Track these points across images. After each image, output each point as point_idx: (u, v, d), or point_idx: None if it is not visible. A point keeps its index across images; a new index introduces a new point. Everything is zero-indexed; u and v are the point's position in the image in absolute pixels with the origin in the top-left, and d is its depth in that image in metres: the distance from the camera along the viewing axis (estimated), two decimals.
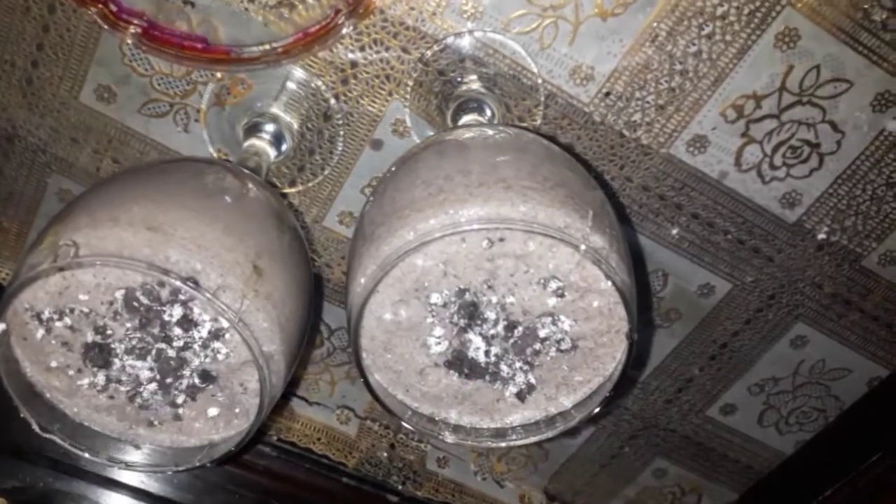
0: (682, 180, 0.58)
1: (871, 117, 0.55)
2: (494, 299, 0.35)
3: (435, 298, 0.35)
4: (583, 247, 0.31)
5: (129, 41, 0.52)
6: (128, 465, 0.40)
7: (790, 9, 0.50)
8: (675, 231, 0.61)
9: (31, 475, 0.63)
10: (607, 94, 0.54)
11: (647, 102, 0.55)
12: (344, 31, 0.52)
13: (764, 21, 0.51)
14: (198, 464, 0.39)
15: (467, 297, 0.35)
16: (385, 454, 0.73)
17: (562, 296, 0.35)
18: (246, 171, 0.44)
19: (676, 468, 0.76)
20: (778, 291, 0.64)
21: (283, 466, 0.66)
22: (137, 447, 0.40)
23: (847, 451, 0.71)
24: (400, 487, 0.71)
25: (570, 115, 0.55)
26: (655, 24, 0.51)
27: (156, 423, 0.40)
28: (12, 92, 0.58)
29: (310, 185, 0.60)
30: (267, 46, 0.53)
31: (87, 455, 0.39)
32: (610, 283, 0.33)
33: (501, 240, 0.33)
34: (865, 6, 0.50)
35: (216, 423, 0.40)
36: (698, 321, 0.66)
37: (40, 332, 0.36)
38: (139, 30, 0.52)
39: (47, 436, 0.38)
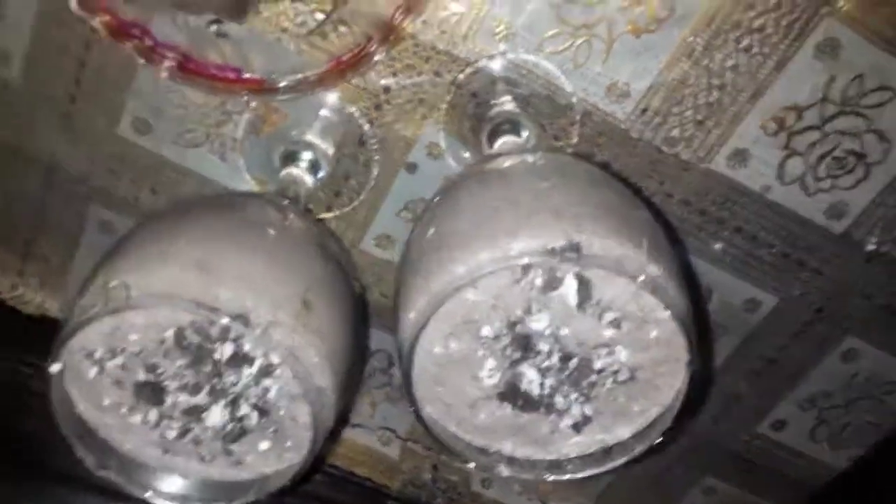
0: (724, 195, 0.57)
1: None
2: (548, 331, 0.34)
3: (486, 331, 0.35)
4: (641, 278, 0.31)
5: (165, 74, 0.52)
6: (182, 500, 0.40)
7: (830, 18, 0.49)
8: (718, 246, 0.59)
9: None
10: (644, 110, 0.54)
11: (686, 118, 0.54)
12: (376, 58, 0.52)
13: (803, 32, 0.50)
14: (252, 498, 0.39)
15: (519, 329, 0.34)
16: (429, 475, 0.72)
17: (618, 327, 0.34)
18: (286, 201, 0.44)
19: (726, 486, 0.74)
20: (826, 304, 0.62)
21: (327, 490, 0.66)
22: (190, 482, 0.40)
23: None
24: None
25: (607, 132, 0.55)
26: (691, 39, 0.51)
27: (207, 458, 0.40)
28: (52, 126, 0.59)
29: (346, 209, 0.60)
30: (300, 76, 0.53)
31: (139, 493, 0.39)
32: (668, 313, 0.32)
33: (552, 269, 0.33)
34: None
35: (267, 457, 0.39)
36: (744, 336, 0.64)
37: (93, 372, 0.37)
38: (174, 63, 0.52)
39: (102, 473, 0.38)
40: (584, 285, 0.32)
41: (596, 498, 0.76)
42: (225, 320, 0.32)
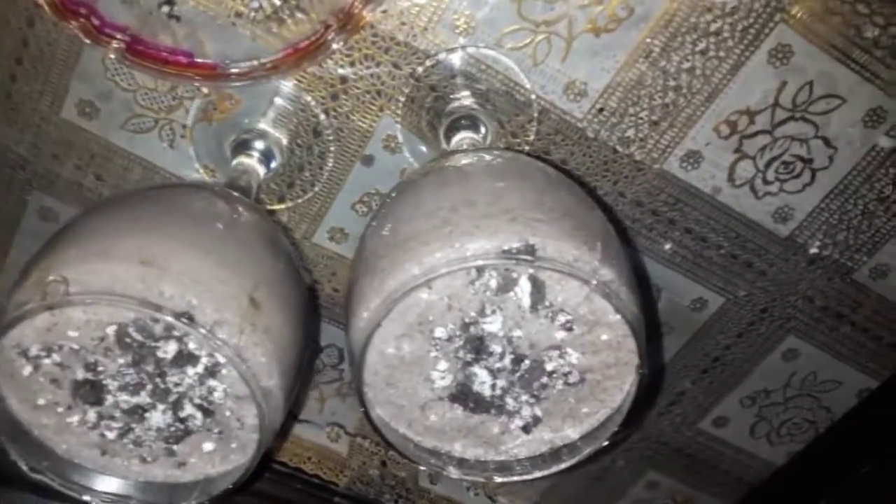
0: (676, 196, 0.58)
1: (863, 133, 0.55)
2: (501, 333, 0.34)
3: (439, 332, 0.34)
4: (594, 281, 0.31)
5: (112, 56, 0.50)
6: (120, 501, 0.38)
7: (783, 25, 0.50)
8: (668, 246, 0.60)
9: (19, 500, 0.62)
10: (601, 109, 0.54)
11: (641, 118, 0.54)
12: (334, 46, 0.51)
13: (757, 37, 0.51)
14: (194, 501, 0.38)
15: (473, 330, 0.34)
16: (377, 472, 0.72)
17: (570, 329, 0.34)
18: (236, 194, 0.43)
19: (669, 480, 0.76)
20: (770, 305, 0.64)
21: (273, 487, 0.65)
22: (130, 483, 0.39)
23: (838, 461, 0.71)
24: None
25: (564, 130, 0.55)
26: (649, 40, 0.51)
27: (149, 459, 0.38)
28: None
29: (299, 201, 0.59)
30: (255, 62, 0.52)
31: (78, 496, 0.37)
32: (618, 317, 0.32)
33: (507, 271, 0.32)
34: (857, 23, 0.50)
35: (212, 459, 0.38)
36: (691, 335, 0.66)
37: (27, 370, 0.35)
38: (123, 44, 0.50)
39: (36, 476, 0.37)
40: (537, 287, 0.32)
41: (542, 493, 0.77)
42: (169, 318, 0.31)
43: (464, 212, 0.32)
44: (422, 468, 0.70)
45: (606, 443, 0.37)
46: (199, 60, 0.52)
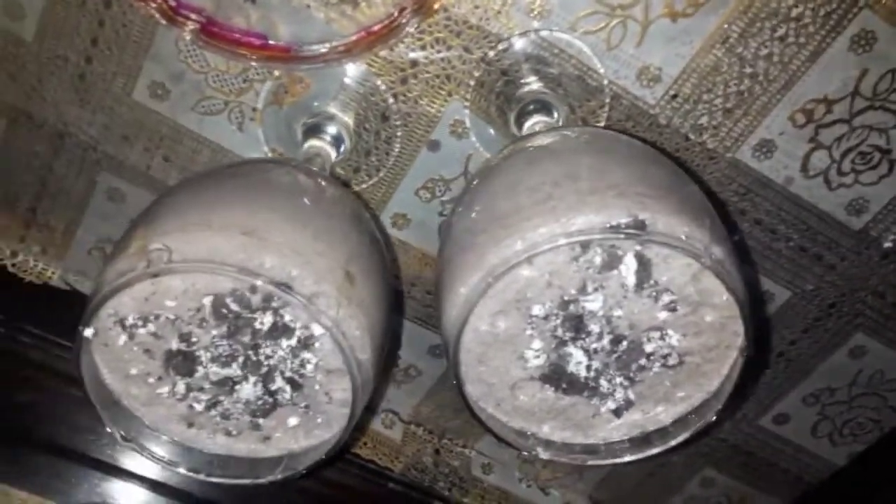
0: (747, 185, 0.57)
1: None
2: (601, 312, 0.34)
3: (537, 310, 0.34)
4: (706, 259, 0.30)
5: (187, 37, 0.51)
6: (207, 475, 0.38)
7: (868, 11, 0.49)
8: (736, 237, 0.59)
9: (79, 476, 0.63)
10: (674, 96, 0.53)
11: (715, 105, 0.53)
12: (407, 29, 0.51)
13: (840, 23, 0.50)
14: (279, 476, 0.38)
15: (572, 308, 0.34)
16: (430, 459, 0.72)
17: (673, 310, 0.33)
18: (316, 169, 0.43)
19: (725, 478, 0.74)
20: (839, 300, 0.62)
21: (331, 472, 0.65)
22: (214, 457, 0.39)
23: None
24: (447, 493, 0.70)
25: (635, 116, 0.54)
26: (727, 26, 0.50)
27: (234, 432, 0.39)
28: (64, 88, 0.57)
29: (364, 186, 0.59)
30: (328, 45, 0.52)
31: (163, 465, 0.38)
32: (726, 297, 0.32)
33: (613, 247, 0.32)
34: None
35: (296, 434, 0.38)
36: (755, 328, 0.64)
37: (122, 339, 0.35)
38: (197, 26, 0.51)
39: (127, 445, 0.37)
40: (643, 265, 0.32)
41: (595, 486, 0.76)
42: (269, 288, 0.31)
43: (568, 186, 0.32)
44: (474, 457, 0.71)
45: (700, 428, 0.36)
46: (272, 43, 0.52)
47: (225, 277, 0.32)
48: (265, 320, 0.34)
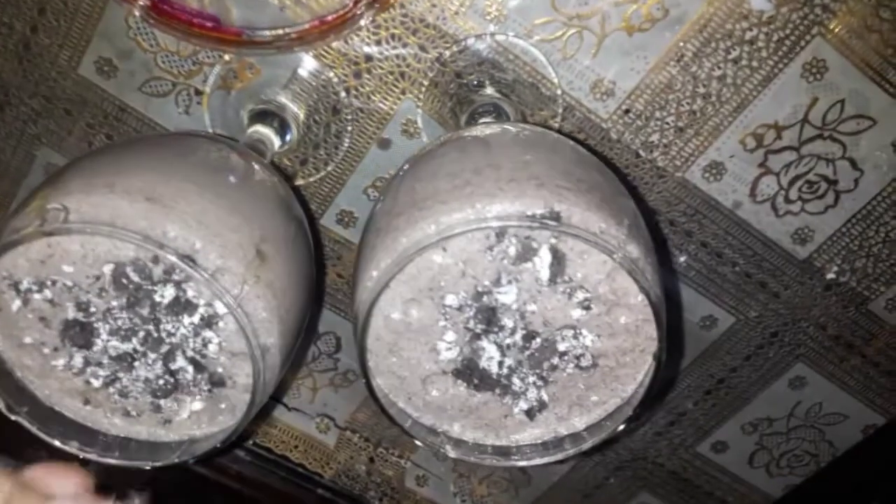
0: (695, 207, 0.56)
1: (892, 157, 0.54)
2: (515, 305, 0.33)
3: (450, 300, 0.33)
4: (618, 255, 0.29)
5: (137, 13, 0.49)
6: (99, 456, 0.36)
7: (820, 39, 0.49)
8: (682, 259, 0.59)
9: None
10: (627, 111, 0.53)
11: (667, 123, 0.53)
12: (362, 22, 0.50)
13: (792, 49, 0.50)
14: (176, 460, 0.36)
15: (485, 300, 0.33)
16: (363, 468, 0.70)
17: (588, 308, 0.32)
18: (253, 152, 0.41)
19: None
20: (781, 329, 0.62)
21: (257, 472, 0.63)
22: (111, 438, 0.37)
23: (837, 499, 0.69)
24: (377, 503, 0.68)
25: (587, 129, 0.54)
26: (682, 44, 0.50)
27: (133, 413, 0.37)
28: (8, 57, 0.55)
29: (311, 179, 0.58)
30: (280, 31, 0.51)
31: (56, 442, 0.36)
32: (641, 298, 0.31)
33: (528, 238, 0.31)
34: None
35: (199, 419, 0.37)
36: (698, 353, 0.64)
37: (16, 304, 0.33)
38: (148, 2, 0.50)
39: (14, 417, 0.35)
40: (558, 259, 0.31)
41: None
42: (170, 258, 0.30)
43: (488, 174, 0.31)
44: (409, 468, 0.69)
45: (612, 434, 0.35)
46: (224, 26, 0.51)
47: (127, 245, 0.31)
48: (166, 293, 0.32)
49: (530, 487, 0.73)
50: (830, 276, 0.59)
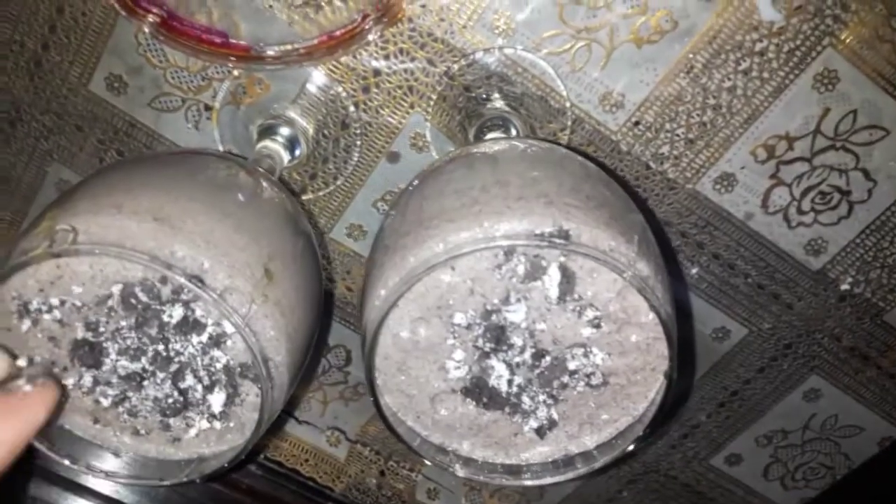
0: (707, 218, 0.56)
1: None
2: (524, 324, 0.32)
3: (459, 318, 0.33)
4: (629, 273, 0.29)
5: (147, 30, 0.50)
6: (108, 476, 0.36)
7: (831, 50, 0.49)
8: (694, 270, 0.58)
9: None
10: (636, 123, 0.53)
11: (677, 135, 0.53)
12: (370, 37, 0.50)
13: (803, 60, 0.49)
14: (185, 479, 0.36)
15: (494, 319, 0.32)
16: (374, 481, 0.69)
17: (598, 326, 0.32)
18: (262, 170, 0.41)
19: None
20: (795, 341, 0.62)
21: (267, 486, 0.63)
22: (120, 456, 0.37)
23: None
24: None
25: (597, 142, 0.53)
26: (691, 56, 0.50)
27: (142, 431, 0.37)
28: (20, 74, 0.56)
29: (320, 194, 0.58)
30: (289, 47, 0.51)
31: (65, 462, 0.36)
32: (652, 316, 0.31)
33: (537, 257, 0.31)
34: None
35: (207, 437, 0.37)
36: (710, 365, 0.63)
37: (26, 325, 0.33)
38: (158, 19, 0.50)
39: None
40: (567, 277, 0.31)
41: None
42: (178, 279, 0.30)
43: (495, 192, 0.31)
44: (420, 482, 0.68)
45: (623, 453, 0.34)
46: (233, 41, 0.51)
47: (135, 265, 0.31)
48: (174, 313, 0.32)
49: (542, 501, 0.72)
50: (845, 287, 0.58)
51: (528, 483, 0.36)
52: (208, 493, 0.60)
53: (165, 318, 0.32)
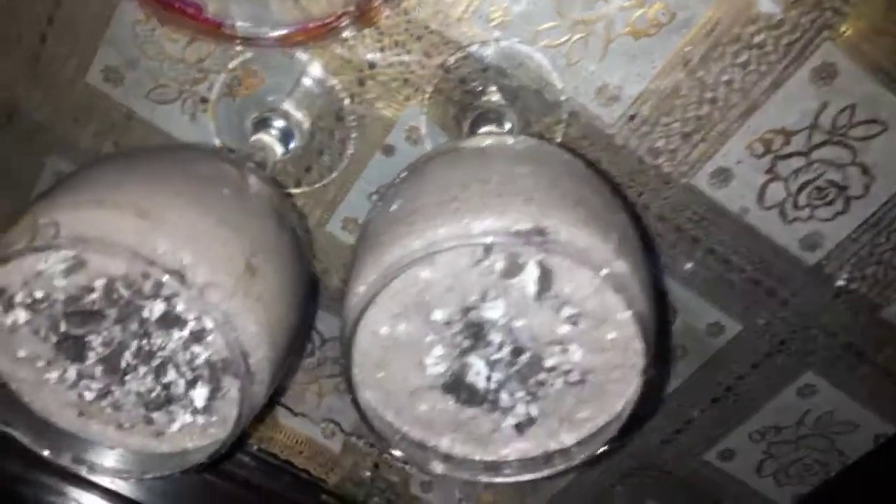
0: (702, 213, 0.56)
1: None
2: (502, 321, 0.32)
3: (437, 315, 0.33)
4: (605, 271, 0.29)
5: None
6: (91, 469, 0.37)
7: (830, 43, 0.48)
8: (689, 265, 0.58)
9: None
10: (632, 117, 0.52)
11: (673, 129, 0.52)
12: (344, 34, 0.50)
13: (801, 54, 0.49)
14: (168, 473, 0.36)
15: (472, 316, 0.32)
16: (368, 473, 0.70)
17: (575, 323, 0.32)
18: (250, 164, 0.41)
19: None
20: (789, 337, 0.61)
21: (262, 478, 0.63)
22: (104, 450, 0.37)
23: None
24: None
25: (592, 135, 0.53)
26: (689, 48, 0.49)
27: (126, 425, 0.37)
28: (17, 67, 0.56)
29: (315, 186, 0.58)
30: (264, 29, 0.50)
31: (47, 454, 0.36)
32: (629, 314, 0.30)
33: (515, 254, 0.31)
34: None
35: (191, 431, 0.37)
36: (704, 361, 0.63)
37: (10, 319, 0.34)
38: None
39: (7, 430, 0.35)
40: (545, 275, 0.31)
41: None
42: (158, 275, 0.30)
43: (475, 188, 0.31)
44: (414, 474, 0.69)
45: (601, 450, 0.34)
46: (204, 15, 0.50)
47: (117, 260, 0.31)
48: (155, 308, 0.32)
49: (536, 495, 0.73)
50: (840, 283, 0.58)
51: (507, 480, 0.36)
52: (202, 484, 0.61)
53: (146, 313, 0.33)
